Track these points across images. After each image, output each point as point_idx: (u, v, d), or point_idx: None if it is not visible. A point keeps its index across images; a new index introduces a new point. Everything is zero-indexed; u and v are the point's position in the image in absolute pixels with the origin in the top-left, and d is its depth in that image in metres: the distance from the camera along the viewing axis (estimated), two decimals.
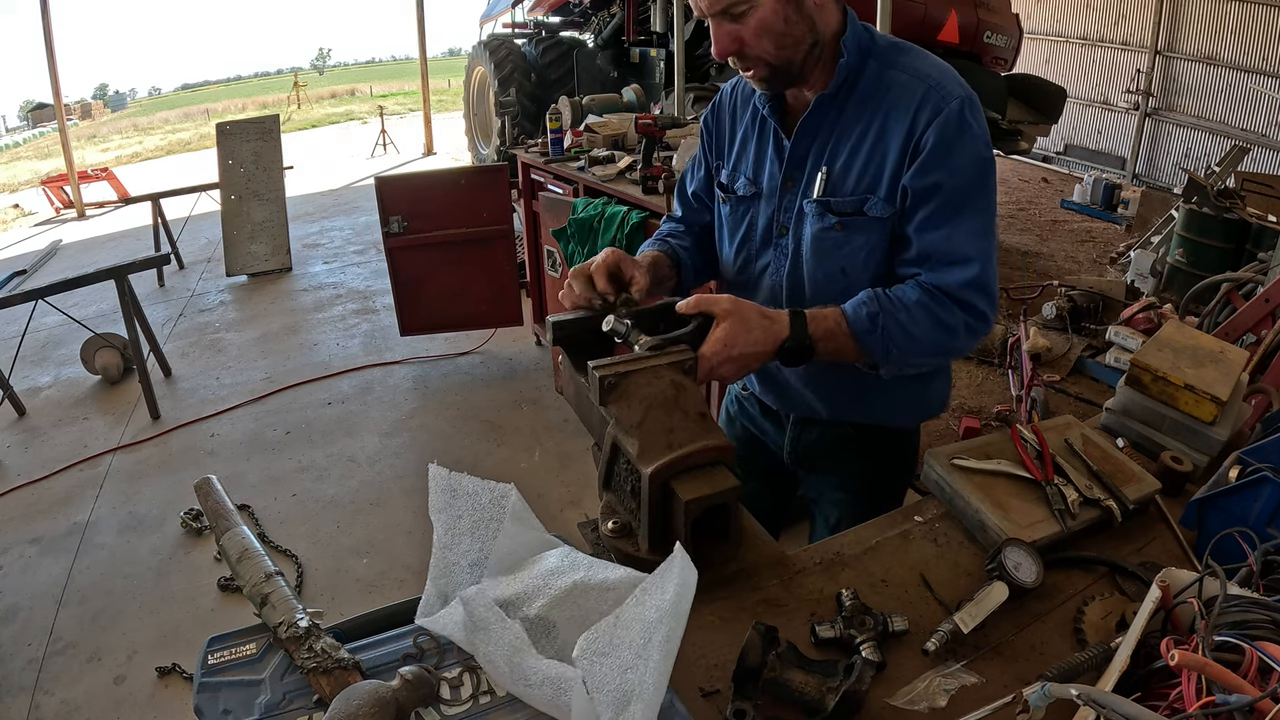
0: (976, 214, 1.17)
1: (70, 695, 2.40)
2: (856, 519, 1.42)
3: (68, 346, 5.01)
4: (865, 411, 1.41)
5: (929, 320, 1.14)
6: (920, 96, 1.15)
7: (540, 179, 4.12)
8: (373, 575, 2.87)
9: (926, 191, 1.15)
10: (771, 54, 1.15)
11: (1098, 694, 0.73)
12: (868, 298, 1.16)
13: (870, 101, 1.19)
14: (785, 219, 1.30)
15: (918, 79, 1.17)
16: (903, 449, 1.51)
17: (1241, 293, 3.58)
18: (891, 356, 1.16)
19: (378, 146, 13.46)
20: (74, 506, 3.38)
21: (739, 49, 1.15)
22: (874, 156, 1.19)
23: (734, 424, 1.66)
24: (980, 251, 1.15)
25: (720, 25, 1.14)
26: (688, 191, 1.52)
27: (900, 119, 1.16)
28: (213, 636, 0.91)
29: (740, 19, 1.13)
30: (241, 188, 6.49)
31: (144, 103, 63.02)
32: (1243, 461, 1.12)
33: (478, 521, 0.96)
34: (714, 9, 1.12)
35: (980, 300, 1.16)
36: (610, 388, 1.04)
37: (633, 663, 0.74)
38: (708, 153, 1.46)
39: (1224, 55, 8.04)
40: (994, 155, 1.18)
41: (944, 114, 1.13)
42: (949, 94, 1.15)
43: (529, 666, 0.79)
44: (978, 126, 1.16)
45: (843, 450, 1.47)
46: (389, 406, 4.18)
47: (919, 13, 5.47)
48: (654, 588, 0.78)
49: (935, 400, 1.46)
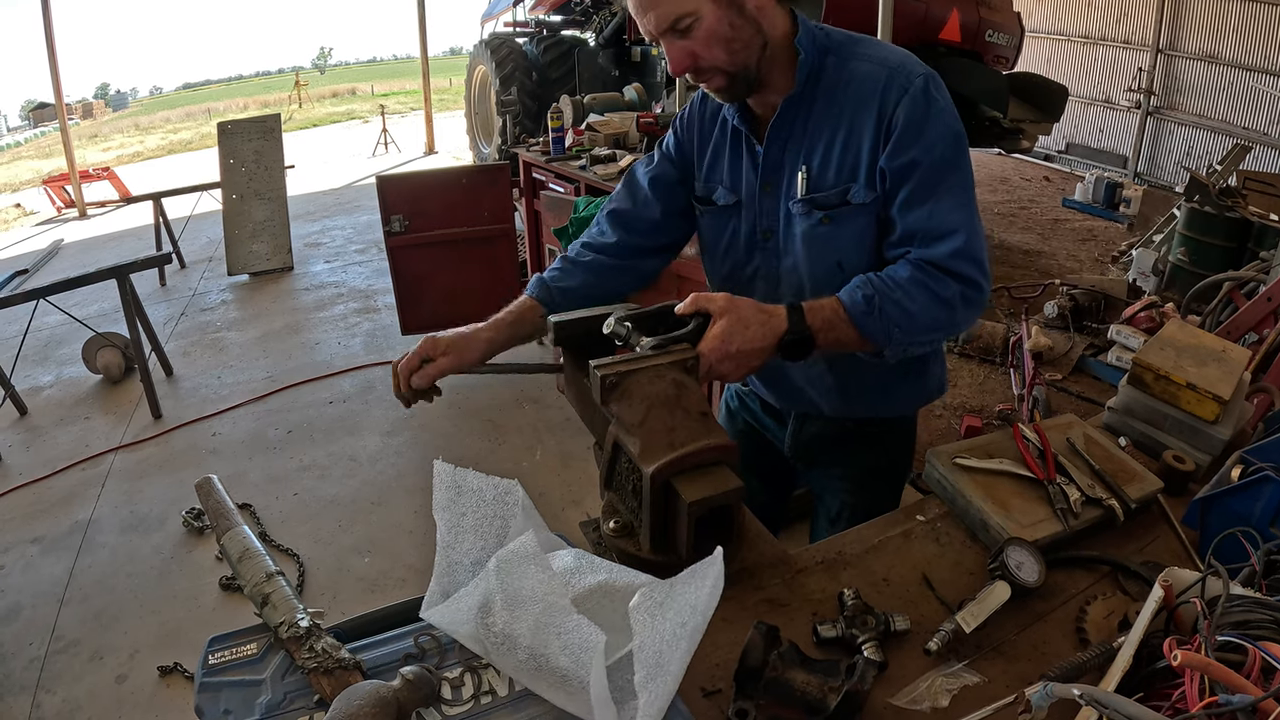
0: (955, 187, 1.18)
1: (72, 694, 2.40)
2: (857, 508, 1.45)
3: (69, 346, 5.01)
4: (867, 406, 1.42)
5: (925, 295, 1.14)
6: (885, 80, 1.17)
7: (542, 178, 4.12)
8: (374, 575, 2.87)
9: (904, 170, 1.17)
10: (725, 61, 1.18)
11: (1100, 694, 0.73)
12: (861, 282, 1.16)
13: (837, 95, 1.21)
14: (769, 223, 1.32)
15: (879, 65, 1.19)
16: (903, 437, 1.53)
17: (1243, 291, 3.57)
18: (893, 337, 1.15)
19: (379, 145, 13.47)
20: (76, 506, 3.39)
21: (694, 63, 1.18)
22: (849, 146, 1.21)
23: (735, 419, 1.67)
24: (963, 222, 1.16)
25: (671, 43, 1.17)
26: (642, 180, 1.45)
27: (869, 105, 1.18)
28: (214, 636, 0.91)
29: (688, 33, 1.15)
30: (243, 187, 6.49)
31: (145, 102, 63.03)
32: (1245, 461, 1.12)
33: (481, 519, 0.95)
34: (661, 28, 1.15)
35: (971, 269, 1.15)
36: (612, 387, 1.04)
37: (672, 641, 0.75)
38: (674, 158, 1.44)
39: (1226, 54, 8.02)
40: (961, 126, 1.21)
41: (910, 93, 1.16)
42: (912, 74, 1.17)
43: (556, 628, 0.79)
44: (944, 101, 1.18)
45: (844, 443, 1.48)
46: (390, 405, 4.18)
47: (920, 11, 5.46)
48: (689, 587, 0.79)
49: (934, 385, 1.47)
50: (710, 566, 0.79)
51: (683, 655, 0.74)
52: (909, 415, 1.52)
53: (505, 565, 0.84)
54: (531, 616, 0.81)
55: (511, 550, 0.84)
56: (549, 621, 0.80)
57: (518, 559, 0.83)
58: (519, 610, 0.82)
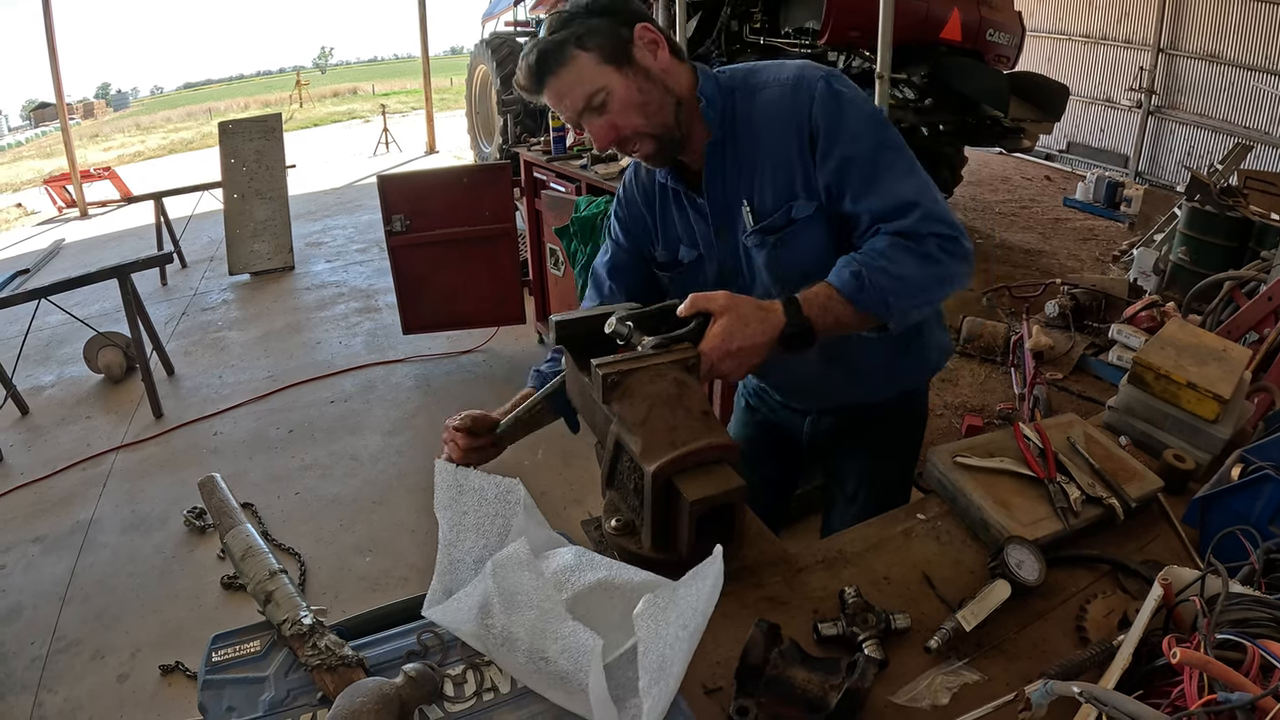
0: (894, 163, 1.20)
1: (74, 693, 2.41)
2: (875, 484, 1.53)
3: (71, 345, 5.02)
4: (875, 388, 1.47)
5: (908, 256, 1.15)
6: (790, 96, 1.22)
7: (543, 177, 4.11)
8: (376, 573, 2.88)
9: (841, 168, 1.20)
10: (644, 125, 1.22)
11: (1100, 691, 0.73)
12: (846, 260, 1.17)
13: (754, 127, 1.26)
14: (732, 262, 1.36)
15: (780, 85, 1.24)
16: (917, 411, 1.59)
17: (1244, 291, 3.56)
18: (891, 305, 1.15)
19: (380, 145, 13.47)
20: (77, 505, 3.39)
21: (617, 134, 1.23)
22: (780, 169, 1.25)
23: (754, 414, 1.70)
24: (916, 190, 1.18)
25: (591, 122, 1.22)
26: (602, 273, 1.48)
27: (785, 125, 1.22)
28: (217, 634, 0.91)
29: (603, 109, 1.20)
30: (244, 186, 6.50)
31: (146, 101, 63.08)
32: (1245, 460, 1.12)
33: (483, 518, 0.96)
34: (578, 109, 1.20)
35: (940, 227, 1.17)
36: (613, 385, 1.05)
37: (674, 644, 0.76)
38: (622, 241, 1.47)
39: (1227, 53, 8.01)
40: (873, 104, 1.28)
41: (817, 96, 1.20)
42: (812, 80, 1.21)
43: (553, 633, 0.79)
44: (849, 91, 1.22)
45: (860, 426, 1.53)
46: (392, 405, 4.19)
47: (922, 11, 5.46)
48: (690, 589, 0.79)
49: (936, 353, 1.51)
50: (710, 565, 0.79)
51: (684, 656, 0.75)
52: (920, 389, 1.57)
53: (500, 570, 0.84)
54: (528, 621, 0.81)
55: (505, 556, 0.84)
56: (545, 627, 0.80)
57: (511, 564, 0.83)
58: (515, 615, 0.82)
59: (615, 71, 1.18)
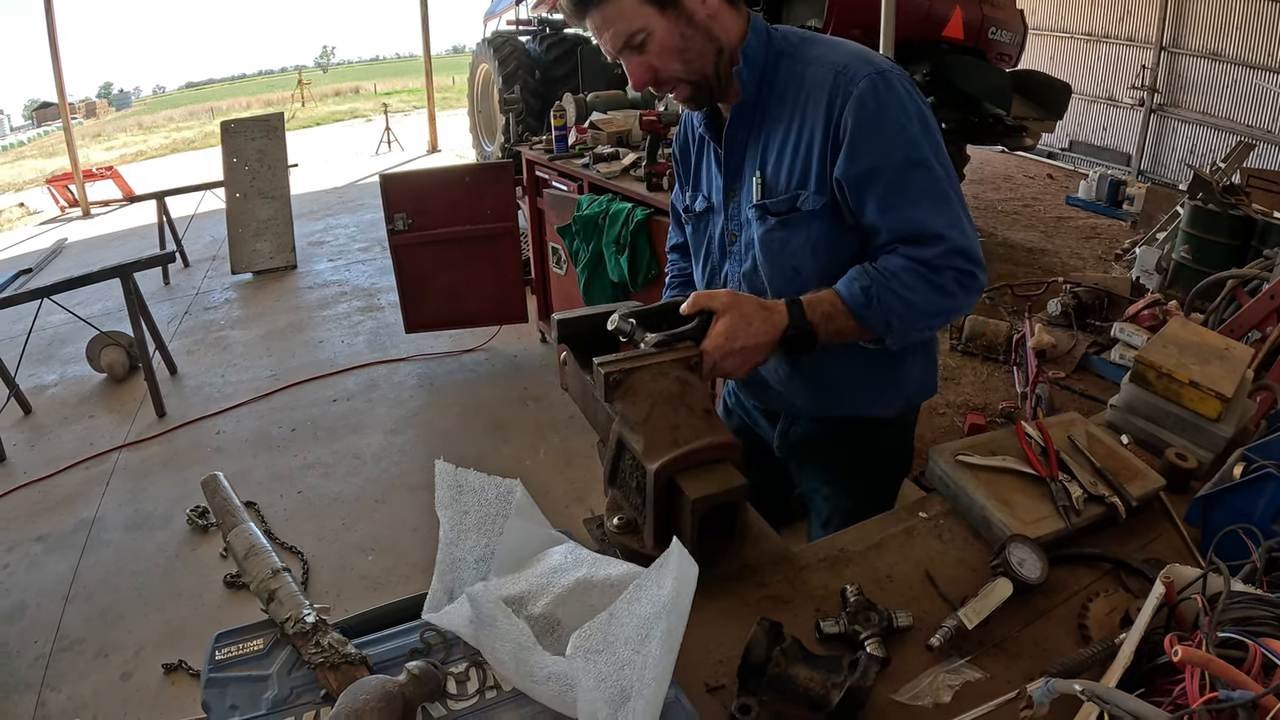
0: (928, 185, 1.15)
1: (77, 692, 2.41)
2: (846, 513, 1.42)
3: (73, 345, 5.03)
4: (840, 403, 1.40)
5: (922, 285, 1.14)
6: (830, 84, 1.16)
7: (545, 176, 4.11)
8: (378, 572, 2.88)
9: (865, 177, 1.15)
10: (682, 71, 1.20)
11: (1102, 690, 0.73)
12: (858, 273, 1.16)
13: (788, 98, 1.22)
14: (734, 227, 1.34)
15: (827, 67, 1.18)
16: (891, 441, 1.50)
17: (1247, 289, 3.56)
18: (893, 326, 1.16)
19: (382, 144, 13.47)
20: (80, 504, 3.40)
21: (653, 75, 1.21)
22: (799, 152, 1.21)
23: (732, 416, 1.68)
24: (947, 222, 1.15)
25: (629, 60, 1.20)
26: (677, 206, 1.54)
27: (817, 109, 1.18)
28: (220, 632, 0.91)
29: (643, 48, 1.17)
30: (246, 186, 6.50)
31: (148, 101, 63.15)
32: (1247, 458, 1.12)
33: (484, 517, 0.96)
34: (617, 46, 1.18)
35: (963, 263, 1.15)
36: (616, 384, 1.05)
37: (630, 659, 0.74)
38: (681, 181, 1.51)
39: (1229, 51, 8.00)
40: (926, 114, 1.17)
41: (855, 96, 1.14)
42: (856, 75, 1.14)
43: (535, 662, 0.79)
44: (897, 96, 1.14)
45: (828, 443, 1.47)
46: (394, 404, 4.19)
47: (924, 8, 5.45)
48: (650, 583, 0.78)
49: (913, 387, 1.43)
50: (667, 562, 0.77)
51: (659, 658, 0.72)
52: (889, 417, 1.45)
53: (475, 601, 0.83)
54: (508, 651, 0.81)
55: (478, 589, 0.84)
56: (525, 658, 0.80)
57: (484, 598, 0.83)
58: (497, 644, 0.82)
59: (658, 14, 1.15)
